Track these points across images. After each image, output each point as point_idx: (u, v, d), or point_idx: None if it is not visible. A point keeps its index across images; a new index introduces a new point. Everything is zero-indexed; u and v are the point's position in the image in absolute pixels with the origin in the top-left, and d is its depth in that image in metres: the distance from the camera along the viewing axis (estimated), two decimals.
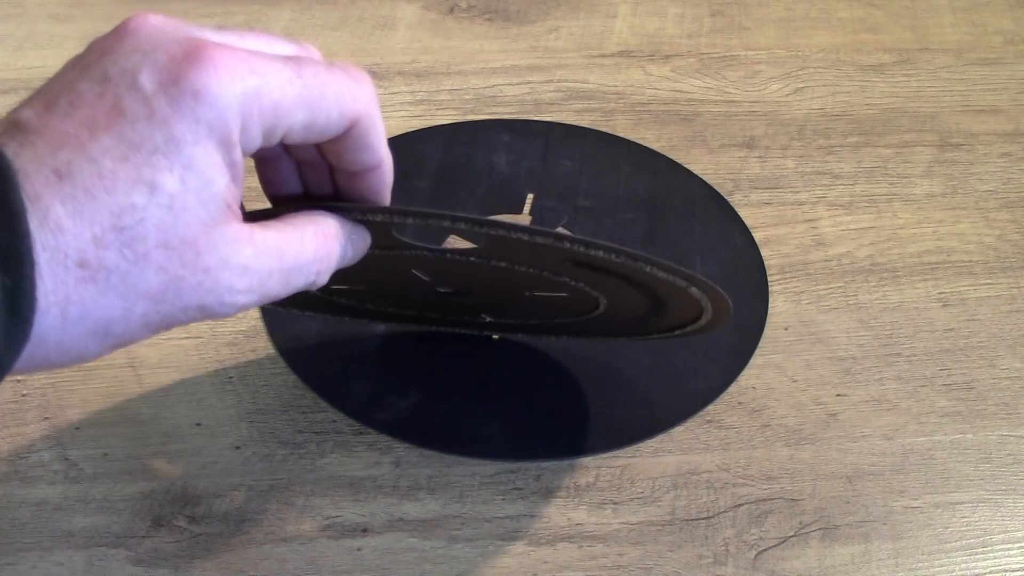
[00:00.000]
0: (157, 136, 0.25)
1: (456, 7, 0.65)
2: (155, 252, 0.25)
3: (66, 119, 0.25)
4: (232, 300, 0.27)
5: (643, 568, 0.38)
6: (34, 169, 0.24)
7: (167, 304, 0.26)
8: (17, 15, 0.65)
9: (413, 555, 0.38)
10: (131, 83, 0.26)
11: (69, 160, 0.25)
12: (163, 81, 0.26)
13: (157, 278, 0.26)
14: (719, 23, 0.65)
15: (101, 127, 0.25)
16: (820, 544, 0.39)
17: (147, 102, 0.25)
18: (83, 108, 0.25)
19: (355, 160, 0.31)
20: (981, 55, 0.63)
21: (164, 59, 0.26)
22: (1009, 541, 0.39)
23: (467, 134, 0.56)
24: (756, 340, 0.45)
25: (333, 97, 0.28)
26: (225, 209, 0.27)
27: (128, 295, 0.25)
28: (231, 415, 0.42)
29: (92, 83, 0.26)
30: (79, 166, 0.25)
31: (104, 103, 0.25)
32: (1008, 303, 0.48)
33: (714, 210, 0.51)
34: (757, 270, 0.48)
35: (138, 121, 0.25)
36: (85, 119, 0.25)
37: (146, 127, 0.25)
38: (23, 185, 0.24)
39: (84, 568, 0.37)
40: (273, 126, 0.27)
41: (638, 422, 0.42)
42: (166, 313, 0.26)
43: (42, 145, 0.25)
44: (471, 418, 0.42)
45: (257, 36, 0.30)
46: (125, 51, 0.26)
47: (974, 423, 0.43)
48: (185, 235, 0.26)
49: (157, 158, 0.25)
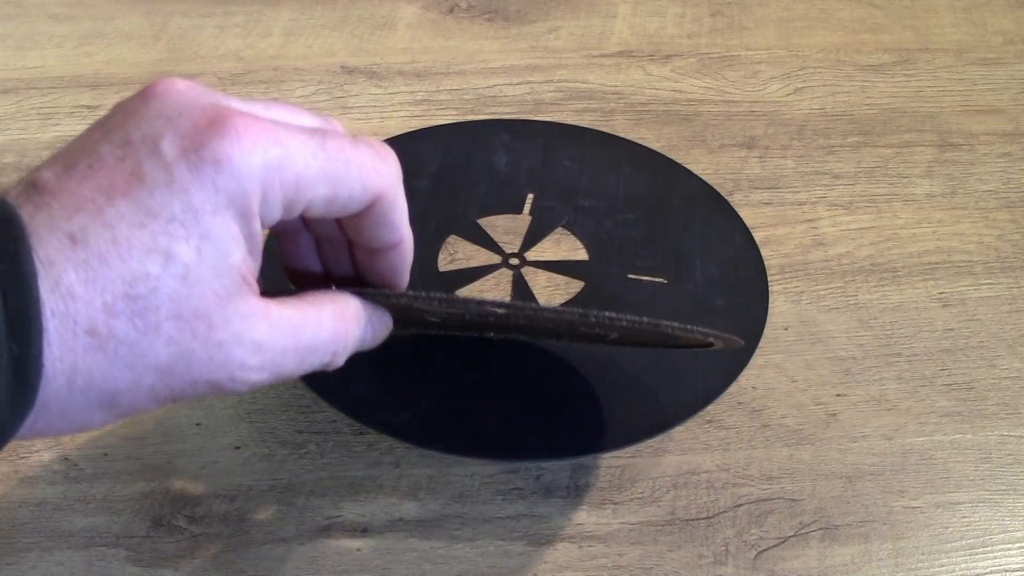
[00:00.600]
0: (175, 204, 0.25)
1: (456, 7, 0.65)
2: (166, 323, 0.25)
3: (84, 182, 0.25)
4: (243, 377, 0.27)
5: (643, 568, 0.38)
6: (48, 233, 0.24)
7: (176, 377, 0.26)
8: (17, 15, 0.65)
9: (413, 555, 0.38)
10: (152, 149, 0.25)
11: (84, 225, 0.24)
12: (185, 148, 0.25)
13: (167, 350, 0.25)
14: (719, 23, 0.65)
15: (119, 192, 0.25)
16: (820, 544, 0.39)
17: (167, 169, 0.25)
18: (102, 172, 0.25)
19: (375, 237, 0.30)
20: (981, 55, 0.63)
21: (187, 126, 0.25)
22: (1009, 541, 0.39)
23: (467, 134, 0.56)
24: (756, 340, 0.45)
25: (357, 172, 0.28)
26: (241, 282, 0.26)
27: (136, 366, 0.25)
28: (231, 415, 0.42)
29: (113, 146, 0.25)
30: (94, 232, 0.24)
31: (124, 168, 0.25)
32: (1008, 303, 0.48)
33: (714, 210, 0.51)
34: (757, 270, 0.48)
35: (157, 188, 0.25)
36: (104, 183, 0.25)
37: (164, 194, 0.25)
38: (36, 248, 0.24)
39: (84, 568, 0.37)
40: (294, 199, 0.27)
41: (638, 422, 0.42)
42: (174, 386, 0.26)
43: (58, 208, 0.24)
44: (471, 418, 0.42)
45: (282, 107, 0.29)
46: (149, 116, 0.26)
47: (974, 423, 0.43)
48: (198, 307, 0.25)
49: (174, 227, 0.25)
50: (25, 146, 0.56)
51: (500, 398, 0.43)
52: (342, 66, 0.61)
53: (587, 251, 0.49)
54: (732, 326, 0.45)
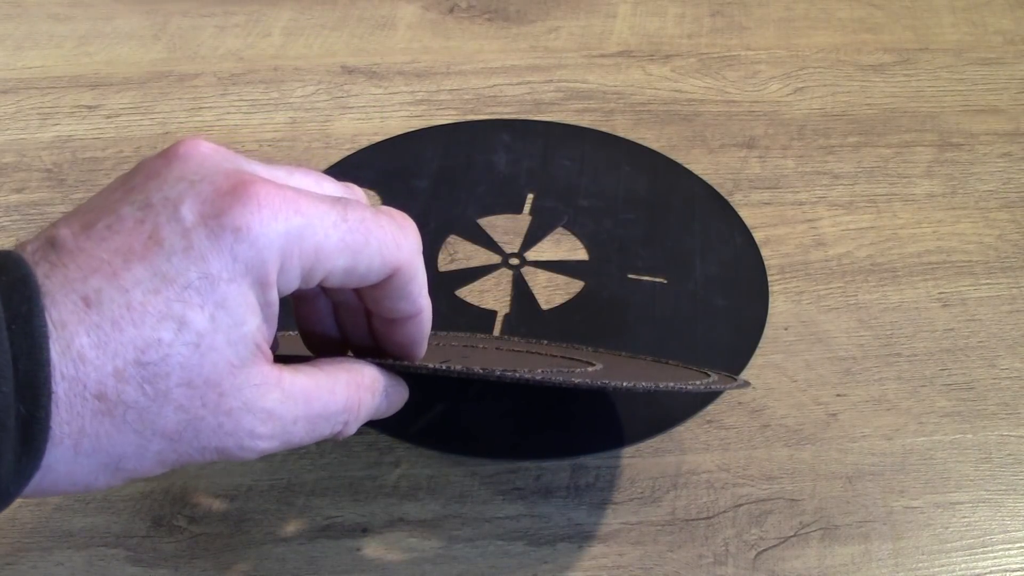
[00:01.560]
0: (192, 271, 0.25)
1: (456, 7, 0.65)
2: (176, 391, 0.25)
3: (101, 243, 0.25)
4: (252, 445, 0.27)
5: (643, 568, 0.38)
6: (63, 295, 0.24)
7: (184, 444, 0.26)
8: (17, 15, 0.65)
9: (413, 555, 0.38)
10: (172, 213, 0.25)
11: (100, 288, 0.24)
12: (205, 214, 0.25)
13: (176, 417, 0.25)
14: (719, 23, 0.65)
15: (136, 256, 0.24)
16: (820, 544, 0.39)
17: (186, 234, 0.25)
18: (121, 234, 0.25)
19: (393, 308, 0.30)
20: (981, 55, 0.63)
21: (209, 191, 0.25)
22: (1009, 541, 0.39)
23: (467, 134, 0.56)
24: (756, 340, 0.45)
25: (377, 245, 0.28)
26: (254, 350, 0.26)
27: (144, 432, 0.25)
28: None
29: (134, 208, 0.25)
30: (109, 295, 0.24)
31: (143, 231, 0.25)
32: (1008, 303, 0.48)
33: (714, 210, 0.51)
34: (757, 270, 0.48)
35: (175, 254, 0.25)
36: (121, 246, 0.25)
37: (182, 260, 0.25)
38: (50, 309, 0.23)
39: (84, 568, 0.37)
40: (313, 268, 0.27)
41: (638, 422, 0.42)
42: (182, 452, 0.26)
43: (74, 269, 0.24)
44: (471, 418, 0.42)
45: (305, 174, 0.29)
46: (172, 178, 0.26)
47: (974, 423, 0.43)
48: (210, 375, 0.25)
49: (189, 294, 0.24)
50: (25, 146, 0.56)
51: (500, 398, 0.43)
52: (342, 66, 0.61)
53: (587, 251, 0.49)
54: (732, 326, 0.45)
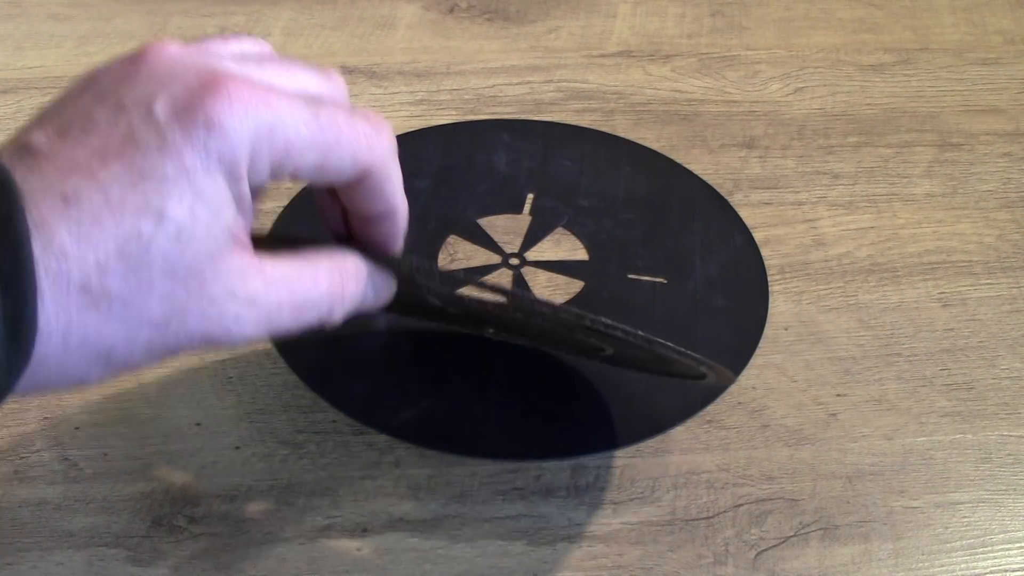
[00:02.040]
0: (168, 165, 0.25)
1: (456, 7, 0.65)
2: (160, 281, 0.25)
3: (77, 146, 0.25)
4: (239, 331, 0.27)
5: (643, 568, 0.38)
6: (41, 195, 0.24)
7: (171, 332, 0.26)
8: (17, 15, 0.65)
9: (413, 555, 0.38)
10: (146, 112, 0.26)
11: (78, 186, 0.25)
12: (177, 111, 0.26)
13: (161, 306, 0.26)
14: (719, 23, 0.65)
15: (113, 155, 0.25)
16: (820, 544, 0.39)
17: (160, 132, 0.25)
18: (96, 136, 0.25)
19: (368, 206, 0.31)
20: (981, 55, 0.63)
21: (180, 89, 0.26)
22: (1009, 541, 0.39)
23: (467, 134, 0.56)
24: (756, 340, 0.45)
25: (348, 145, 0.28)
26: (232, 240, 0.27)
27: (131, 322, 0.25)
28: (231, 415, 0.42)
29: (107, 111, 0.26)
30: (87, 193, 0.25)
31: (117, 132, 0.25)
32: (1008, 303, 0.48)
33: (714, 210, 0.51)
34: (757, 270, 0.48)
35: (150, 150, 0.25)
36: (97, 147, 0.25)
37: (157, 156, 0.25)
38: (29, 210, 0.24)
39: (84, 568, 0.37)
40: (282, 163, 0.27)
41: (638, 422, 0.42)
42: (170, 340, 0.26)
43: (51, 171, 0.25)
44: (471, 418, 0.42)
45: (279, 66, 0.29)
46: (142, 79, 0.26)
47: (974, 423, 0.43)
48: (191, 264, 0.26)
49: (166, 187, 0.25)
50: None
51: (500, 398, 0.43)
52: (342, 66, 0.61)
53: (587, 251, 0.49)
54: (732, 326, 0.45)
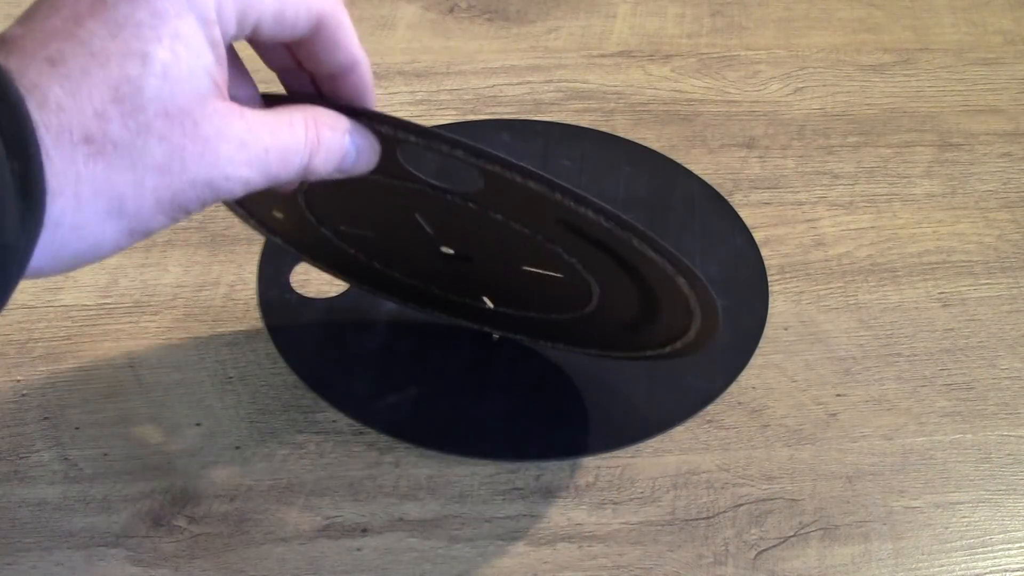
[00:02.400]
0: (140, 12, 0.26)
1: (456, 7, 0.65)
2: (156, 121, 0.26)
3: (49, 19, 0.26)
4: (236, 173, 0.28)
5: (643, 568, 0.38)
6: (27, 64, 0.25)
7: (174, 177, 0.27)
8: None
9: (413, 555, 0.38)
10: None
11: (60, 48, 0.25)
12: None
13: (161, 148, 0.26)
14: (719, 23, 0.65)
15: (85, 15, 0.26)
16: (820, 544, 0.39)
17: None
18: (65, 7, 0.26)
19: (330, 61, 0.31)
20: (981, 55, 0.63)
21: None
22: (1009, 541, 0.39)
23: (467, 134, 0.56)
24: (756, 340, 0.45)
25: None
26: (213, 84, 0.27)
27: (136, 166, 0.26)
28: (231, 415, 0.42)
29: None
30: (71, 50, 0.25)
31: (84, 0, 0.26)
32: (1008, 303, 0.48)
33: (714, 210, 0.51)
34: (757, 270, 0.48)
35: (120, 4, 0.26)
36: (69, 14, 0.26)
37: (127, 7, 0.26)
38: (18, 79, 0.25)
39: (84, 568, 0.37)
40: (245, 12, 0.28)
41: (638, 422, 0.42)
42: (176, 188, 0.27)
43: (31, 44, 0.26)
44: (471, 418, 0.42)
45: None
46: None
47: (974, 423, 0.43)
48: (182, 104, 0.26)
49: (144, 31, 0.26)
50: None
51: (500, 398, 0.43)
52: None
53: None
54: (732, 326, 0.45)
